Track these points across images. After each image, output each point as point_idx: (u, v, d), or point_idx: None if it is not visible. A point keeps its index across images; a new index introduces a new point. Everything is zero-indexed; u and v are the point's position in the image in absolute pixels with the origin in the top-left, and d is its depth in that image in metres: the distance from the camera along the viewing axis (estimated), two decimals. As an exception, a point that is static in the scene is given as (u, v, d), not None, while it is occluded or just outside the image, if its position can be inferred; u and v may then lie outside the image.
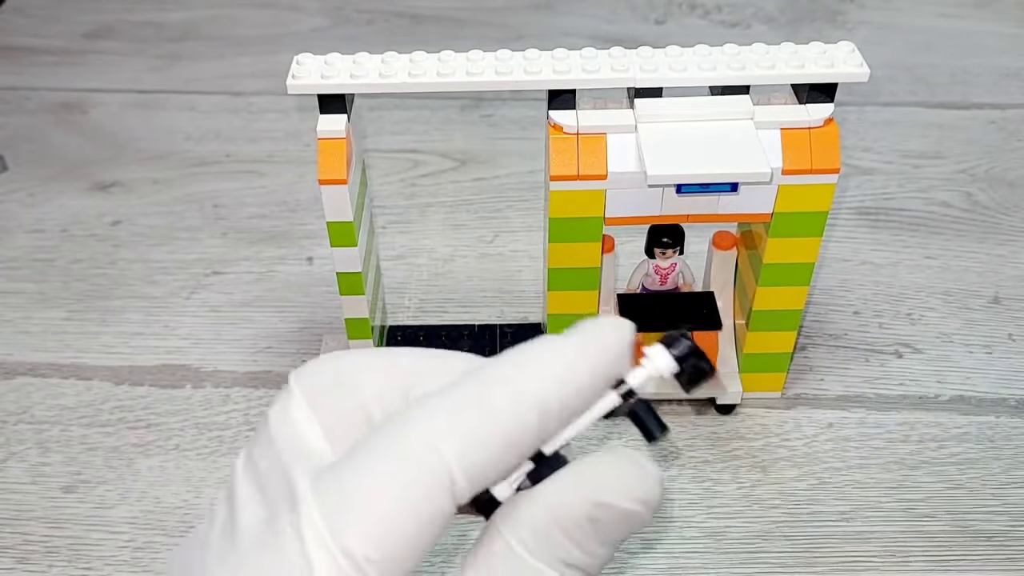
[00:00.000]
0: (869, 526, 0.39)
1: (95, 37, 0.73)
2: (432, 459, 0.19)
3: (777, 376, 0.43)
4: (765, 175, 0.34)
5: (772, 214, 0.37)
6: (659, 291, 0.43)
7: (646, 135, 0.35)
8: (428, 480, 0.18)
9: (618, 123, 0.35)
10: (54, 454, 0.42)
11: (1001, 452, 0.41)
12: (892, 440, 0.42)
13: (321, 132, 0.36)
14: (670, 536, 0.38)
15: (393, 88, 0.35)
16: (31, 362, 0.46)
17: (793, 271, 0.39)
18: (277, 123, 0.62)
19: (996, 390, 0.44)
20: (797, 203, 0.37)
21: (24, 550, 0.38)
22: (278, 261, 0.52)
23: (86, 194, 0.57)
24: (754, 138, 0.35)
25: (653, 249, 0.41)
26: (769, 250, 0.38)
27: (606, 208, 0.37)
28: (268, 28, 0.73)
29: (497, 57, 0.35)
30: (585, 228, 0.37)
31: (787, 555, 0.38)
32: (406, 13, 0.74)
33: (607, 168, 0.35)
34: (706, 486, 0.40)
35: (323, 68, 0.35)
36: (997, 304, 0.49)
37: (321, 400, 0.21)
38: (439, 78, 0.34)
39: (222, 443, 0.42)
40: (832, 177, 0.36)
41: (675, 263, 0.42)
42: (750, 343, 0.42)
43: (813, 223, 0.37)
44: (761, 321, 0.41)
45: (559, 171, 0.36)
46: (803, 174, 0.36)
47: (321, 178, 0.36)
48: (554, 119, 0.36)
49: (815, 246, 0.38)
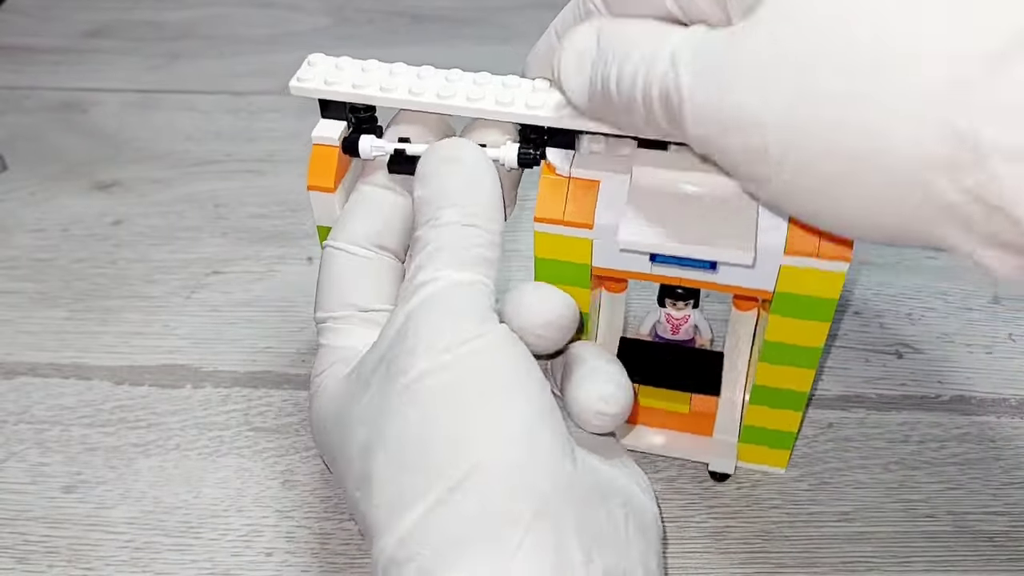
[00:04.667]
0: (869, 526, 0.39)
1: (94, 36, 0.73)
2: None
3: (780, 453, 0.40)
4: (747, 260, 0.30)
5: (773, 293, 0.33)
6: (670, 340, 0.41)
7: (636, 191, 0.32)
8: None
9: (614, 172, 0.32)
10: (54, 454, 0.42)
11: (1002, 452, 0.41)
12: (893, 440, 0.42)
13: (316, 137, 0.36)
14: (670, 536, 0.38)
15: (391, 103, 0.34)
16: (31, 362, 0.46)
17: (798, 353, 0.35)
18: (277, 123, 0.62)
19: (996, 390, 0.44)
20: (801, 286, 0.32)
21: (24, 550, 0.38)
22: (278, 261, 0.52)
23: (86, 194, 0.57)
24: (751, 214, 0.31)
25: (664, 299, 0.39)
26: (771, 327, 0.34)
27: (593, 257, 0.33)
28: (268, 28, 0.73)
29: (504, 83, 0.34)
30: (572, 273, 0.34)
31: (787, 555, 0.38)
32: (406, 12, 0.74)
33: (595, 219, 0.32)
34: (706, 486, 0.40)
35: (329, 73, 0.35)
36: (997, 304, 0.49)
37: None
38: (438, 100, 0.33)
39: (222, 443, 0.42)
40: (842, 265, 0.31)
41: (688, 315, 0.40)
42: (750, 415, 0.38)
43: (820, 308, 0.33)
44: (763, 396, 0.37)
45: (544, 213, 0.33)
46: (808, 257, 0.31)
47: (309, 183, 0.36)
48: (549, 156, 0.33)
49: (822, 331, 0.34)
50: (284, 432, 0.43)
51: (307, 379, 0.45)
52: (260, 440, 0.42)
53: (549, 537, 0.27)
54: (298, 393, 0.44)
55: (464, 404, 0.28)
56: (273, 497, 0.40)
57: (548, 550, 0.26)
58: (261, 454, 0.42)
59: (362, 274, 0.34)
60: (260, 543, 0.38)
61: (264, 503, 0.40)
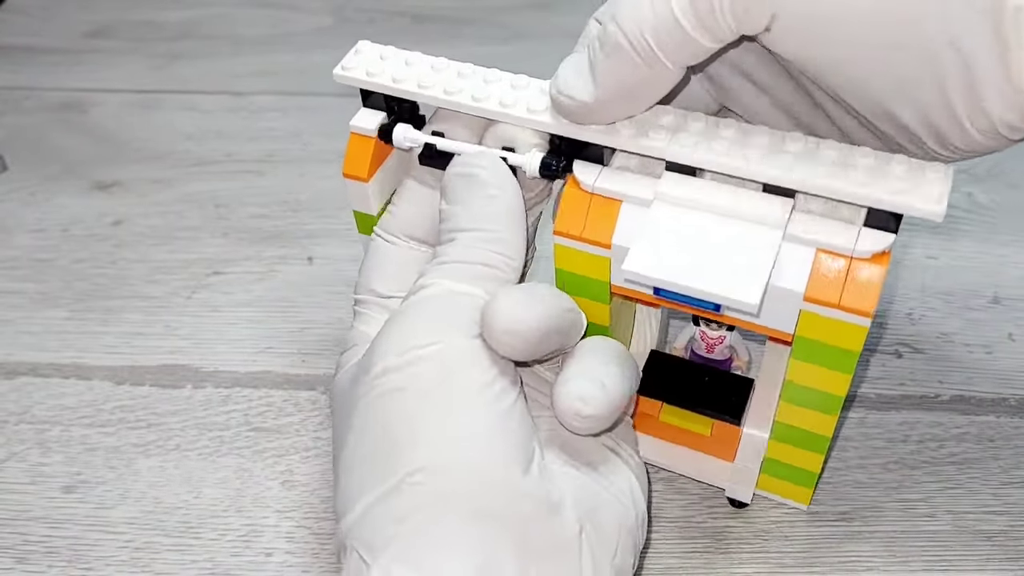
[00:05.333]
0: (869, 526, 0.39)
1: (95, 36, 0.73)
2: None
3: (803, 490, 0.38)
4: (751, 306, 0.28)
5: (794, 336, 0.31)
6: (705, 359, 0.40)
7: (654, 218, 0.31)
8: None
9: (636, 193, 0.31)
10: (54, 454, 0.42)
11: (1001, 452, 0.41)
12: (892, 440, 0.42)
13: (354, 126, 0.36)
14: (670, 536, 0.38)
15: (426, 101, 0.34)
16: (32, 362, 0.46)
17: (819, 398, 0.33)
18: (277, 123, 0.62)
19: (996, 390, 0.44)
20: (822, 333, 0.31)
21: (24, 550, 0.38)
22: (279, 261, 0.52)
23: (86, 194, 0.57)
24: (768, 256, 0.29)
25: (699, 318, 0.38)
26: (792, 370, 0.33)
27: (612, 276, 0.33)
28: (268, 28, 0.73)
29: (541, 89, 0.33)
30: (591, 288, 0.34)
31: (787, 555, 0.38)
32: (407, 12, 0.74)
33: (612, 239, 0.32)
34: (706, 486, 0.40)
35: (372, 63, 0.35)
36: (997, 304, 0.49)
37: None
38: (472, 102, 0.33)
39: (222, 443, 0.42)
40: (863, 320, 0.29)
41: (724, 335, 0.39)
42: (773, 449, 0.37)
43: (841, 359, 0.31)
44: (784, 433, 0.36)
45: (563, 227, 0.32)
46: (828, 307, 0.30)
47: (344, 171, 0.36)
48: (575, 170, 0.32)
49: (844, 381, 0.32)
50: (284, 432, 0.43)
51: (307, 379, 0.45)
52: (260, 440, 0.42)
53: (476, 542, 0.27)
54: (298, 393, 0.44)
55: (410, 407, 0.29)
56: (273, 497, 0.40)
57: (474, 553, 0.27)
58: (261, 454, 0.42)
59: (392, 263, 0.35)
60: (260, 543, 0.38)
61: (264, 503, 0.40)
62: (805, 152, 0.30)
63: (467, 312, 0.30)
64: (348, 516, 0.29)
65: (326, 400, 0.44)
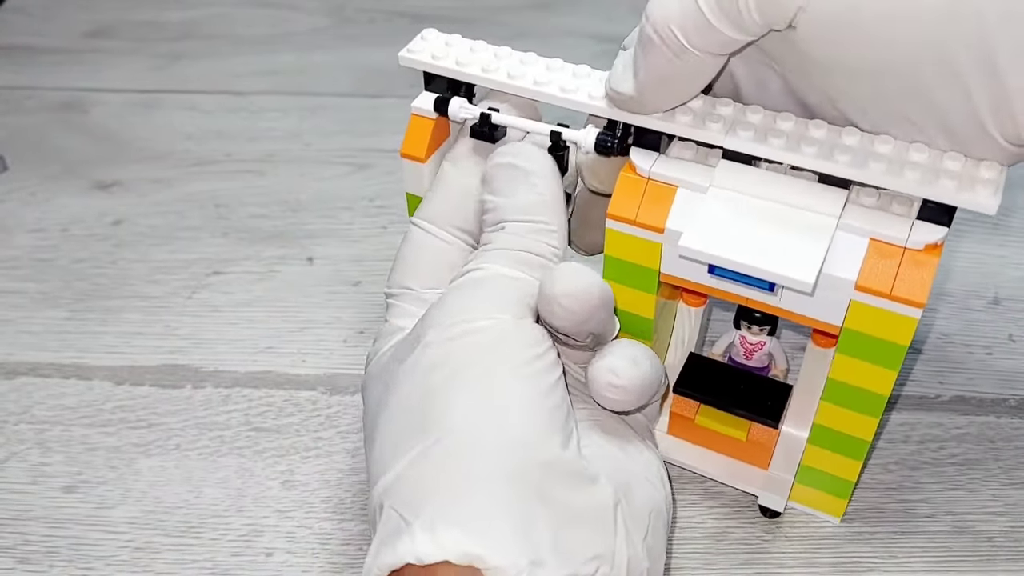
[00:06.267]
0: (869, 526, 0.39)
1: (95, 36, 0.73)
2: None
3: (837, 501, 0.38)
4: (807, 285, 0.29)
5: (842, 328, 0.32)
6: (743, 365, 0.40)
7: (711, 201, 0.31)
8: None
9: (693, 180, 0.32)
10: (55, 454, 0.42)
11: (1001, 453, 0.41)
12: (892, 440, 0.42)
13: (415, 108, 0.37)
14: (670, 537, 0.38)
15: (490, 84, 0.35)
16: (32, 362, 0.46)
17: (862, 397, 0.33)
18: (278, 123, 0.62)
19: (996, 390, 0.44)
20: (871, 325, 0.31)
21: (24, 550, 0.38)
22: (279, 261, 0.52)
23: (86, 194, 0.57)
24: (823, 241, 0.30)
25: (740, 321, 0.38)
26: (836, 365, 0.33)
27: (662, 263, 0.33)
28: (268, 28, 0.73)
29: (602, 79, 0.34)
30: (639, 275, 0.34)
31: (787, 555, 0.38)
32: (407, 12, 0.74)
33: (666, 223, 0.32)
34: (707, 486, 0.40)
35: (437, 48, 0.36)
36: (997, 304, 0.49)
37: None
38: (534, 86, 0.34)
39: (222, 443, 0.42)
40: (914, 311, 0.30)
41: (764, 341, 0.39)
42: (809, 456, 0.37)
43: (888, 353, 0.31)
44: (823, 438, 0.36)
45: (617, 211, 0.33)
46: (879, 296, 0.30)
47: (402, 151, 0.37)
48: (632, 156, 0.33)
49: (889, 378, 0.32)
50: (284, 432, 0.43)
51: (307, 379, 0.45)
52: (260, 440, 0.42)
53: (514, 503, 0.28)
54: (298, 393, 0.44)
55: (454, 375, 0.30)
56: (273, 497, 0.40)
57: (509, 514, 0.27)
58: (261, 454, 0.42)
59: (428, 257, 0.36)
60: (260, 543, 0.38)
61: (264, 503, 0.40)
62: (861, 146, 0.31)
63: (516, 294, 0.32)
64: (386, 476, 0.29)
65: (326, 400, 0.44)
